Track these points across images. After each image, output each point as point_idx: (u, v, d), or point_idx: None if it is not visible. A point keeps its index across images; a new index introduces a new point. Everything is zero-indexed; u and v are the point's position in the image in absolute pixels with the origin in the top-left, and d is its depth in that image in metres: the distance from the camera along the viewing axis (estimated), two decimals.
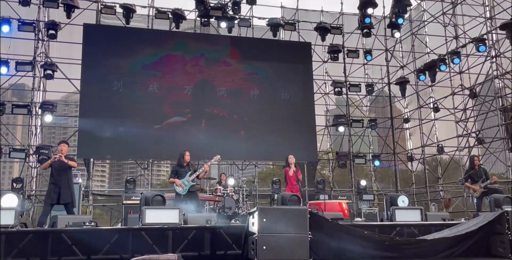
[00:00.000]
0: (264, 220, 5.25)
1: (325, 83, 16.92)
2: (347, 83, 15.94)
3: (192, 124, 13.97)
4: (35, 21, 13.20)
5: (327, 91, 16.82)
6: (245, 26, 15.03)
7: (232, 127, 14.30)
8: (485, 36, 14.10)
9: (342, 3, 16.82)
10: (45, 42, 13.71)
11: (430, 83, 16.34)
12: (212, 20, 14.49)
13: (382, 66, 17.51)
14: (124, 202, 10.85)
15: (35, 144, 13.04)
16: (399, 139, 17.66)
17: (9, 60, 12.59)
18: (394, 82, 16.80)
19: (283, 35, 16.09)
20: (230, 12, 14.37)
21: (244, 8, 14.84)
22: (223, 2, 14.36)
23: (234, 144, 13.93)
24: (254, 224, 5.39)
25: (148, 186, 14.24)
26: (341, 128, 15.55)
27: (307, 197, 13.01)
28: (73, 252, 5.72)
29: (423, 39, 17.14)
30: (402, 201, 8.74)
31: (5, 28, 12.62)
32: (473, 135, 14.91)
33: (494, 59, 14.12)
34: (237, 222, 7.69)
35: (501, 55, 14.03)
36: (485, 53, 14.27)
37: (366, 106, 18.32)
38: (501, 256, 5.74)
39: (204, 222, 6.70)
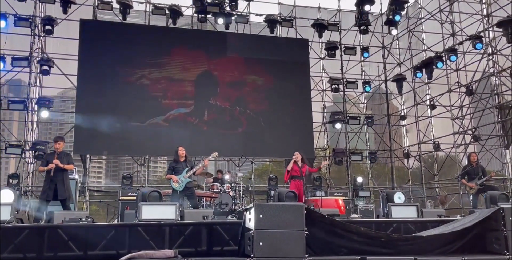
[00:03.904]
0: (261, 216, 5.24)
1: (322, 80, 16.92)
2: (344, 80, 15.97)
3: (196, 116, 13.99)
4: (31, 17, 13.13)
5: (324, 88, 16.84)
6: (242, 23, 15.02)
7: (234, 119, 14.34)
8: (482, 34, 14.12)
9: (339, 0, 16.82)
10: (41, 37, 13.66)
11: (426, 81, 16.37)
12: (209, 16, 14.50)
13: (379, 63, 17.52)
14: (120, 198, 10.82)
15: (31, 140, 13.00)
16: (396, 135, 17.68)
17: (5, 56, 12.54)
18: (391, 79, 16.83)
19: (280, 31, 16.05)
20: (227, 9, 14.37)
21: (241, 5, 14.89)
22: None
23: (231, 140, 13.97)
24: (250, 220, 5.39)
25: (144, 182, 14.24)
26: (338, 125, 15.57)
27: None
28: (69, 248, 5.70)
29: (420, 36, 17.17)
30: (398, 197, 8.80)
31: (1, 24, 12.56)
32: (469, 132, 14.96)
33: (490, 57, 14.14)
34: (234, 218, 7.71)
35: (498, 53, 14.04)
36: (482, 51, 14.30)
37: (363, 103, 18.35)
38: (497, 252, 5.76)
39: (201, 218, 6.70)
